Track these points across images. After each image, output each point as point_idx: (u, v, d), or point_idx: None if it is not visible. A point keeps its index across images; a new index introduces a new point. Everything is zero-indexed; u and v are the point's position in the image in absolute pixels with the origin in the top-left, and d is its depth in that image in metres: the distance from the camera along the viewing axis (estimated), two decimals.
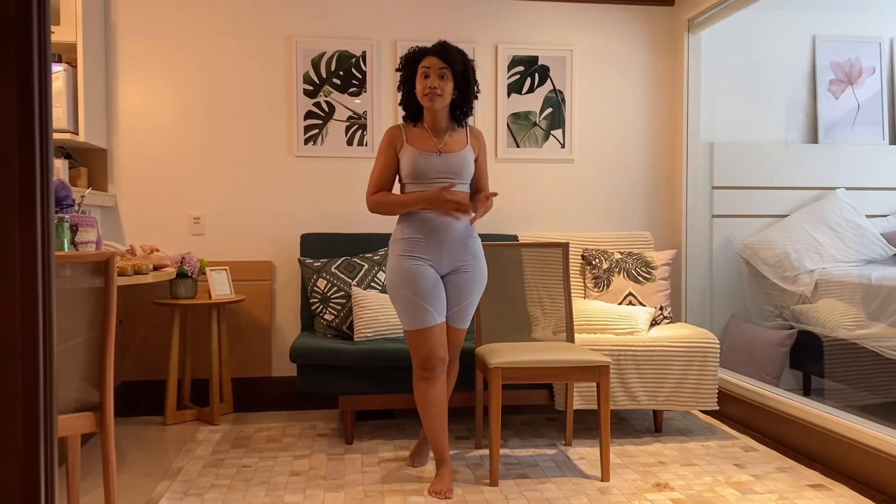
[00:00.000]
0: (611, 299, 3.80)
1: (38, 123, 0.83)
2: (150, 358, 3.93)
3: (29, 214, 0.86)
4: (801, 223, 4.27)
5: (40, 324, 0.88)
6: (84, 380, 2.20)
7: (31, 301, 0.87)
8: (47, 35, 0.87)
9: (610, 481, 2.90)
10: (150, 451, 3.30)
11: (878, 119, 4.52)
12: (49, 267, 0.90)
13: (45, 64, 0.86)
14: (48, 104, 0.87)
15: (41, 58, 0.83)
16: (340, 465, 3.09)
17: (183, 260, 3.66)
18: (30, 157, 0.84)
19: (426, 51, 2.82)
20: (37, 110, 0.83)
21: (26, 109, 0.82)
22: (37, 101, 0.83)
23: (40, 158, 0.85)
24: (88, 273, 2.19)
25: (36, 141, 0.85)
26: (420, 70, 2.80)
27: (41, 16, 0.82)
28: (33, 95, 0.82)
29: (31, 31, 0.81)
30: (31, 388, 0.88)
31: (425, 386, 2.78)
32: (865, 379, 3.75)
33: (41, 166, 0.86)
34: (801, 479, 2.92)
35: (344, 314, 3.54)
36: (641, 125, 4.34)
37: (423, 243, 2.79)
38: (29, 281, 0.87)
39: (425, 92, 2.78)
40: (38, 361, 0.88)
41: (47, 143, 0.86)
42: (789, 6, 4.42)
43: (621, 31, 4.30)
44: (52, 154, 0.89)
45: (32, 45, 0.82)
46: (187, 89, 4.00)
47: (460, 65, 2.82)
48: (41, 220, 0.88)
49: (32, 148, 0.84)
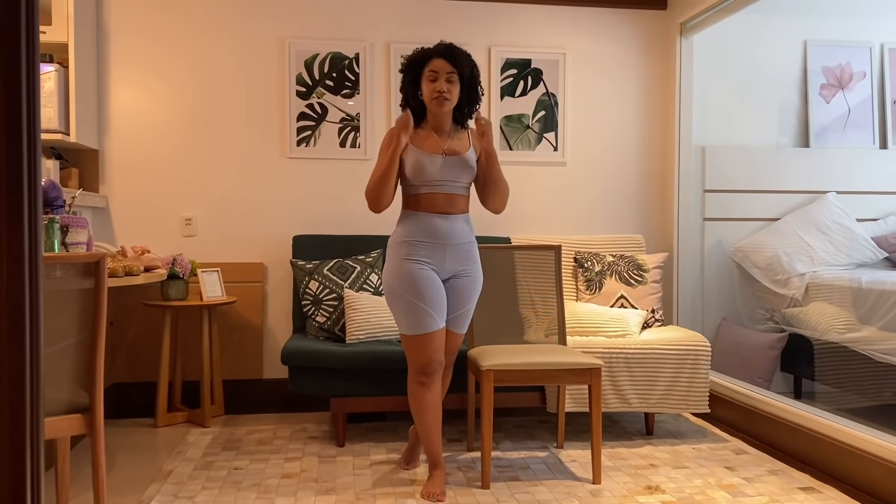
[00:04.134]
0: (603, 302, 3.81)
1: (25, 124, 0.83)
2: (140, 359, 3.92)
3: (16, 215, 0.86)
4: (793, 227, 4.29)
5: (27, 325, 0.88)
6: (74, 381, 2.19)
7: (18, 302, 0.87)
8: (36, 34, 0.86)
9: (601, 484, 2.91)
10: (141, 454, 3.28)
11: (869, 123, 4.54)
12: (37, 268, 0.89)
13: (34, 64, 0.85)
14: (36, 104, 0.87)
15: (29, 57, 0.83)
16: (332, 467, 3.09)
17: (174, 261, 3.64)
18: (17, 158, 0.83)
19: (432, 52, 2.77)
20: (24, 111, 0.82)
21: (13, 110, 0.81)
22: (24, 101, 0.82)
23: (28, 159, 0.85)
24: (79, 274, 2.17)
25: (23, 141, 0.84)
26: (427, 73, 2.75)
27: (29, 15, 0.82)
28: (21, 96, 0.82)
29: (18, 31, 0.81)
30: (18, 391, 0.87)
31: (422, 391, 2.76)
32: (856, 382, 3.77)
33: (29, 167, 0.85)
34: (792, 482, 2.93)
35: (336, 316, 3.53)
36: (634, 128, 4.35)
37: (425, 247, 2.75)
38: (16, 282, 0.86)
39: (434, 96, 2.74)
40: (25, 363, 0.87)
41: (35, 143, 0.86)
42: (781, 11, 4.45)
43: (614, 34, 4.31)
44: (39, 155, 0.89)
45: (20, 44, 0.81)
46: (179, 90, 3.99)
47: (468, 68, 2.79)
48: (28, 221, 0.87)
49: (20, 149, 0.84)
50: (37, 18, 0.86)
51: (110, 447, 3.35)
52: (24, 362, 0.87)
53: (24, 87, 0.83)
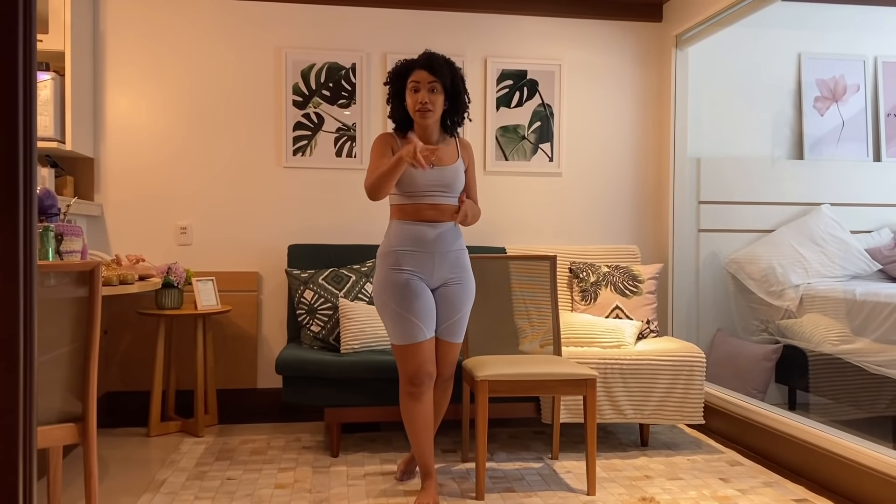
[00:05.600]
0: (598, 312, 3.81)
1: (21, 132, 0.83)
2: (134, 368, 3.90)
3: (11, 223, 0.85)
4: (787, 238, 4.30)
5: (21, 333, 0.87)
6: (67, 390, 2.18)
7: (12, 310, 0.86)
8: (33, 43, 0.87)
9: (596, 495, 2.90)
10: (133, 463, 3.27)
11: (863, 136, 4.57)
12: (31, 276, 0.89)
13: (31, 72, 0.85)
14: (33, 113, 0.87)
15: (26, 66, 0.83)
16: (325, 477, 3.07)
17: (169, 270, 3.64)
18: (13, 166, 0.83)
19: (413, 64, 2.80)
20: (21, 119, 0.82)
21: (10, 118, 0.81)
22: (21, 109, 0.82)
23: (23, 167, 0.85)
24: (73, 283, 2.17)
25: (19, 150, 0.84)
26: (409, 84, 2.77)
27: (27, 23, 0.82)
28: (17, 104, 0.82)
29: (15, 39, 0.81)
30: (12, 401, 0.87)
31: (412, 402, 2.76)
32: (850, 394, 3.77)
33: (24, 175, 0.85)
34: (787, 494, 2.93)
35: (331, 326, 3.53)
36: (629, 140, 4.37)
37: (413, 255, 2.76)
38: (10, 290, 0.86)
39: (417, 108, 2.75)
40: (19, 372, 0.87)
41: (31, 151, 0.86)
42: (776, 24, 4.48)
43: (610, 46, 4.34)
44: (35, 163, 0.89)
45: (17, 53, 0.81)
46: (176, 99, 3.99)
47: (448, 76, 2.79)
48: (23, 229, 0.87)
49: (16, 156, 0.84)
50: (34, 27, 0.86)
51: (103, 456, 3.33)
52: (17, 371, 0.86)
53: (20, 95, 0.83)
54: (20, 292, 0.87)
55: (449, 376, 2.93)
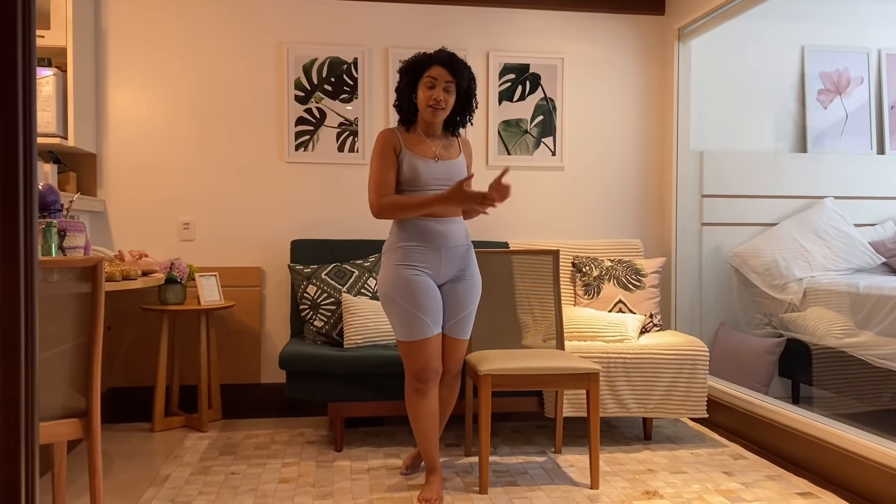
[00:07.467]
0: (601, 307, 3.81)
1: (21, 128, 0.83)
2: (138, 364, 3.91)
3: (13, 219, 0.85)
4: (790, 232, 4.29)
5: (23, 329, 0.87)
6: (71, 386, 2.19)
7: (14, 306, 0.86)
8: (32, 38, 0.86)
9: (599, 489, 2.90)
10: (138, 458, 3.28)
11: (866, 129, 4.55)
12: (33, 272, 0.89)
13: (30, 68, 0.85)
14: (32, 108, 0.87)
15: (25, 61, 0.83)
16: (329, 472, 3.08)
17: (172, 265, 3.64)
18: (13, 162, 0.83)
19: (432, 59, 2.76)
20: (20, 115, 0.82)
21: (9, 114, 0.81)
22: (21, 105, 0.82)
23: (24, 163, 0.85)
24: (76, 278, 2.17)
25: (20, 145, 0.84)
26: (425, 79, 2.75)
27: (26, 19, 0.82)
28: (17, 99, 0.82)
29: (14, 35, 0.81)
30: (13, 396, 0.87)
31: (418, 398, 2.75)
32: (853, 387, 3.76)
33: (25, 171, 0.85)
34: (790, 488, 2.92)
35: (334, 321, 3.53)
36: (632, 133, 4.36)
37: (420, 251, 2.74)
38: (12, 286, 0.86)
39: (430, 103, 2.74)
40: (21, 368, 0.87)
41: (31, 147, 0.86)
42: (779, 17, 4.46)
43: (612, 39, 4.32)
44: (35, 158, 0.89)
45: (17, 48, 0.81)
46: (178, 94, 3.99)
47: (466, 80, 2.78)
48: (25, 225, 0.87)
49: (16, 152, 0.84)
50: (33, 22, 0.86)
51: (107, 452, 3.34)
52: (19, 367, 0.86)
53: (20, 90, 0.83)
54: (22, 288, 0.87)
55: (456, 374, 2.93)
